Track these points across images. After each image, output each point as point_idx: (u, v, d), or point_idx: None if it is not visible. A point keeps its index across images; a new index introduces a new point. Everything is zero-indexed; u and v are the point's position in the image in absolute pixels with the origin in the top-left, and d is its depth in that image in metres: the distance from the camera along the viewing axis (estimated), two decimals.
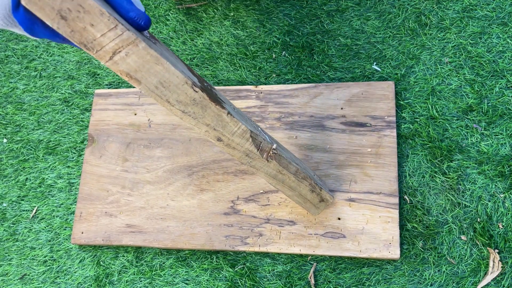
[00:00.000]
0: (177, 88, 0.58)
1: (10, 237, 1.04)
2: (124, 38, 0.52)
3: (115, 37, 0.51)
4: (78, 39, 0.51)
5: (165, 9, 1.13)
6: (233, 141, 0.66)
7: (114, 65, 0.54)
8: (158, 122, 1.00)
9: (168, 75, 0.57)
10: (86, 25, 0.50)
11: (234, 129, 0.65)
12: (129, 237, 0.93)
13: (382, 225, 0.82)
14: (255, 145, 0.68)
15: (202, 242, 0.89)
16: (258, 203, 0.89)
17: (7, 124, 1.14)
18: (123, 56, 0.53)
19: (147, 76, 0.56)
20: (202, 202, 0.92)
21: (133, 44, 0.53)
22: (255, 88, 0.97)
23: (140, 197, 0.95)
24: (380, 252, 0.81)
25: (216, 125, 0.63)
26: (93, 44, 0.52)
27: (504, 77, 0.88)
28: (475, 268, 0.79)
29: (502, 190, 0.82)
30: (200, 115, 0.62)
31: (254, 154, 0.68)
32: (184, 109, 0.60)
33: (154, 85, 0.57)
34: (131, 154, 0.99)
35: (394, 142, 0.86)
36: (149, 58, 0.55)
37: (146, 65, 0.55)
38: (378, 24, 0.98)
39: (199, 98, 0.60)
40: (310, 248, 0.84)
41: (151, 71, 0.56)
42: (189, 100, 0.60)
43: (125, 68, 0.55)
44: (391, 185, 0.84)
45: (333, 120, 0.91)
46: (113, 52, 0.53)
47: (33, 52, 1.19)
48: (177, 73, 0.57)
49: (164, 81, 0.57)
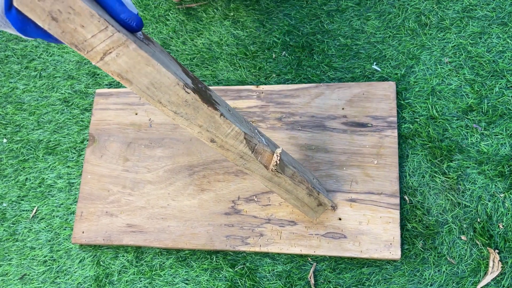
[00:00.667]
0: (168, 89, 0.59)
1: (10, 237, 1.04)
2: (114, 39, 0.53)
3: (105, 38, 0.52)
4: (69, 40, 0.52)
5: (165, 9, 1.12)
6: (227, 143, 0.66)
7: (105, 66, 0.55)
8: (159, 122, 1.00)
9: (159, 76, 0.57)
10: (76, 26, 0.51)
11: (228, 130, 0.64)
12: (130, 237, 0.93)
13: (383, 226, 0.82)
14: (249, 147, 0.68)
15: (203, 242, 0.89)
16: (259, 203, 0.89)
17: (7, 124, 1.14)
18: (114, 57, 0.54)
19: (138, 77, 0.57)
20: (203, 202, 0.92)
21: (123, 46, 0.53)
22: (256, 88, 0.97)
23: (141, 197, 0.95)
24: (381, 253, 0.81)
25: (209, 127, 0.63)
26: (84, 45, 0.53)
27: (504, 77, 0.88)
28: (475, 268, 0.79)
29: (502, 190, 0.82)
30: (192, 116, 0.62)
31: (248, 156, 0.68)
32: (176, 110, 0.61)
33: (145, 86, 0.58)
34: (132, 154, 0.99)
35: (395, 142, 0.86)
36: (140, 59, 0.55)
37: (137, 66, 0.56)
38: (378, 24, 0.98)
39: (191, 100, 0.60)
40: (311, 248, 0.84)
41: (142, 72, 0.56)
42: (181, 101, 0.60)
43: (116, 69, 0.55)
44: (392, 185, 0.84)
45: (334, 120, 0.91)
46: (103, 53, 0.54)
47: (33, 52, 1.19)
48: (168, 74, 0.57)
49: (155, 82, 0.58)
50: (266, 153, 0.69)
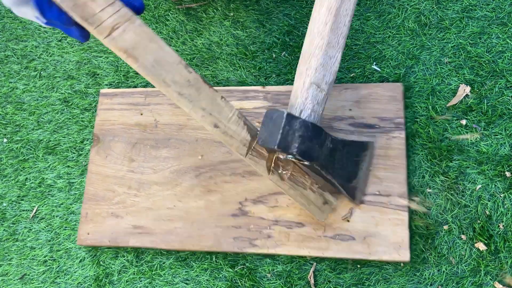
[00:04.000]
0: (172, 68, 0.61)
1: (10, 237, 1.04)
2: (122, 14, 0.57)
3: (113, 12, 0.57)
4: (80, 14, 0.56)
5: (165, 9, 1.13)
6: (230, 128, 0.68)
7: (113, 42, 0.59)
8: (165, 122, 0.99)
9: (163, 53, 0.60)
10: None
11: (229, 114, 0.67)
12: (136, 239, 0.92)
13: (391, 228, 0.82)
14: (250, 134, 0.69)
15: (210, 243, 0.88)
16: (266, 205, 0.88)
17: (7, 124, 1.14)
18: (121, 32, 0.58)
19: (144, 54, 0.60)
20: (209, 203, 0.91)
21: (130, 21, 0.58)
22: (262, 89, 0.97)
23: (146, 198, 0.95)
24: (390, 255, 0.80)
25: (212, 110, 0.66)
26: (94, 19, 0.57)
27: (504, 77, 0.88)
28: (475, 268, 0.79)
29: (502, 190, 0.82)
30: (195, 97, 0.64)
31: (251, 143, 0.69)
32: (180, 90, 0.63)
33: (150, 63, 0.60)
34: (137, 154, 0.98)
35: (403, 144, 0.86)
36: (145, 36, 0.59)
37: (142, 42, 0.59)
38: (378, 24, 0.98)
39: (194, 79, 0.63)
40: (319, 250, 0.84)
41: (147, 49, 0.60)
42: (184, 80, 0.63)
43: (123, 45, 0.59)
44: (400, 187, 0.84)
45: (342, 122, 0.90)
46: (111, 28, 0.58)
47: (32, 52, 1.19)
48: (171, 52, 0.61)
49: (160, 59, 0.61)
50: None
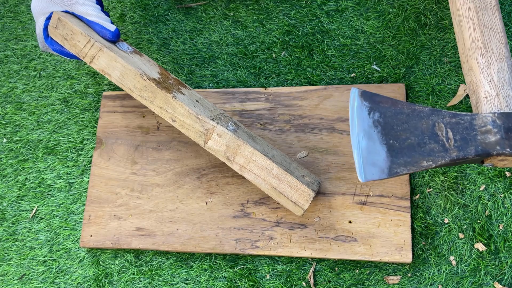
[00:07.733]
0: (132, 78, 0.83)
1: (10, 237, 1.04)
2: (96, 47, 0.84)
3: (91, 46, 0.84)
4: (74, 50, 0.86)
5: (164, 9, 1.12)
6: (185, 122, 0.82)
7: (95, 65, 0.85)
8: (167, 124, 0.99)
9: (124, 68, 0.83)
10: (75, 41, 0.86)
11: (182, 111, 0.81)
12: (139, 240, 0.92)
13: (393, 229, 0.82)
14: (203, 128, 0.80)
15: (212, 245, 0.89)
16: (268, 206, 0.88)
17: (6, 124, 1.14)
18: (97, 58, 0.85)
19: (113, 70, 0.84)
20: (211, 205, 0.91)
21: (101, 50, 0.84)
22: (264, 90, 0.97)
23: (149, 200, 0.95)
24: (392, 256, 0.80)
25: (168, 108, 0.82)
26: (82, 52, 0.86)
27: None
28: (475, 268, 0.79)
29: (502, 190, 0.82)
30: (152, 98, 0.83)
31: (204, 135, 0.81)
32: (140, 93, 0.83)
33: (118, 76, 0.84)
34: (140, 157, 0.99)
35: None
36: (111, 58, 0.84)
37: (110, 63, 0.84)
38: (378, 24, 0.98)
39: (148, 85, 0.82)
40: (321, 251, 0.84)
41: (114, 67, 0.84)
42: (142, 86, 0.83)
43: (100, 66, 0.85)
44: (402, 188, 0.84)
45: (344, 123, 0.90)
46: (92, 56, 0.85)
47: (32, 52, 1.19)
48: (129, 67, 0.83)
49: (123, 73, 0.83)
50: (214, 131, 0.81)
